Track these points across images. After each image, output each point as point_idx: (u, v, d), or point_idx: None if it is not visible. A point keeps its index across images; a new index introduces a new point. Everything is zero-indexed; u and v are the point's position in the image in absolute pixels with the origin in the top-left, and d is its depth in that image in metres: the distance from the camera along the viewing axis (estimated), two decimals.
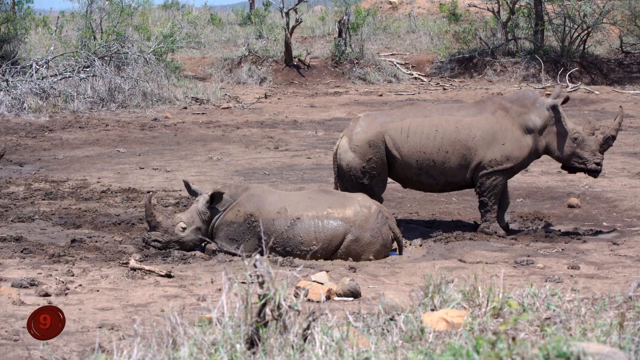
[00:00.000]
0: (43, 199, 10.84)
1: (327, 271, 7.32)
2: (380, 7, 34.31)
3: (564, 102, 9.20)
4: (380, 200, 9.27)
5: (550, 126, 9.21)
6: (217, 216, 8.37)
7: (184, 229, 8.40)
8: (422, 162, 9.13)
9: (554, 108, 9.22)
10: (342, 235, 8.10)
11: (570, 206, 10.41)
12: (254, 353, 3.78)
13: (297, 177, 12.42)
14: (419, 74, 25.37)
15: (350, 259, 8.11)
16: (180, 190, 11.34)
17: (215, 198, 8.34)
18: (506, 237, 9.01)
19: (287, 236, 8.07)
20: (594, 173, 9.35)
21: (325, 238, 8.07)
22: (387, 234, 8.25)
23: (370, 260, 8.13)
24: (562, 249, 8.45)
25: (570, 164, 9.32)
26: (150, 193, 8.86)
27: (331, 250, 8.13)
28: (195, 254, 8.25)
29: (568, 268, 7.63)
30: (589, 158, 9.22)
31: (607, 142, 9.30)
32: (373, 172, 9.17)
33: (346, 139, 9.28)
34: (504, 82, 23.88)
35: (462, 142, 9.10)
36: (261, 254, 7.60)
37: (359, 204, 8.22)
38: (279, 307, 3.84)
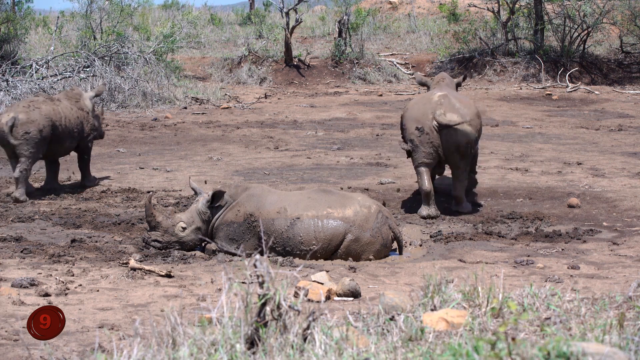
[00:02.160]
0: (43, 199, 10.84)
1: (327, 271, 7.32)
2: (380, 7, 34.29)
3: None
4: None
5: None
6: (217, 216, 8.38)
7: (184, 229, 8.41)
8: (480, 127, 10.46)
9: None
10: (341, 235, 8.10)
11: (570, 206, 10.41)
12: (254, 353, 3.78)
13: (297, 177, 12.42)
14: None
15: (350, 258, 8.11)
16: (180, 190, 11.35)
17: (216, 197, 8.34)
18: (506, 237, 9.02)
19: (287, 236, 8.07)
20: None
21: (325, 238, 8.07)
22: (387, 234, 8.25)
23: (370, 260, 8.13)
24: (562, 249, 8.45)
25: None
26: (150, 193, 8.86)
27: (331, 250, 8.13)
28: (195, 254, 8.25)
29: (568, 268, 7.63)
30: None
31: None
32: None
33: (455, 114, 9.83)
34: (503, 82, 23.87)
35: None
36: (261, 253, 7.60)
37: (358, 204, 8.21)
38: (279, 307, 3.84)
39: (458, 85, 11.36)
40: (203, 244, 8.50)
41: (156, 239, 8.40)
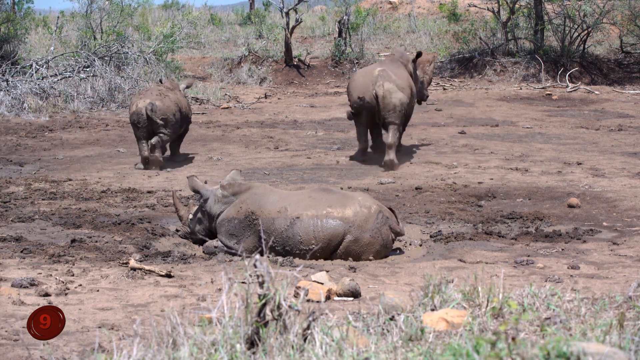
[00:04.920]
0: (43, 199, 10.84)
1: (327, 271, 7.32)
2: (380, 7, 34.28)
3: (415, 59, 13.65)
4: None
5: None
6: (220, 212, 8.52)
7: (191, 220, 8.93)
8: None
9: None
10: (341, 235, 8.09)
11: (570, 206, 10.40)
12: (254, 353, 3.78)
13: (297, 177, 12.42)
14: None
15: (350, 259, 8.10)
16: (181, 190, 11.34)
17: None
18: (506, 237, 9.03)
19: (286, 235, 8.08)
20: None
21: (324, 237, 8.06)
22: (387, 234, 8.24)
23: (370, 260, 8.13)
24: (562, 249, 8.45)
25: None
26: (174, 190, 9.63)
27: (330, 250, 8.12)
28: (195, 254, 8.27)
29: (568, 268, 7.63)
30: None
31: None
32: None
33: (390, 83, 12.31)
34: (503, 82, 23.86)
35: None
36: (261, 253, 7.61)
37: (359, 204, 8.20)
38: (279, 307, 3.84)
39: (414, 61, 13.38)
40: (203, 242, 8.65)
41: (177, 229, 9.16)
